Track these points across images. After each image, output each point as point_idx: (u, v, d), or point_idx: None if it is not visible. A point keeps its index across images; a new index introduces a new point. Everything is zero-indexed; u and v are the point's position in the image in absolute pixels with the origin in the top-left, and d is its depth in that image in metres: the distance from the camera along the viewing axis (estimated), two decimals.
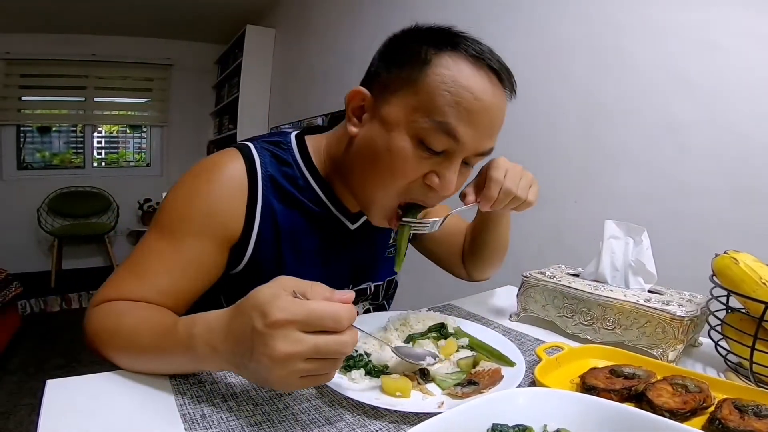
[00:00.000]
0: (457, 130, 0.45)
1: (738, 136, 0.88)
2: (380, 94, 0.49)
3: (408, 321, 0.56)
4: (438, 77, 0.45)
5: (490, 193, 0.53)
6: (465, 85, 0.45)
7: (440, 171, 0.48)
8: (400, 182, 0.49)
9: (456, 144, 0.46)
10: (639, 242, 0.63)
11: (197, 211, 0.50)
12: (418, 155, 0.47)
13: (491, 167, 0.55)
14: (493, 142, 0.50)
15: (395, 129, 0.47)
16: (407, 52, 0.48)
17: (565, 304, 0.63)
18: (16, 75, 3.50)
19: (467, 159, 0.50)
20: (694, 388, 0.41)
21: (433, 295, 0.82)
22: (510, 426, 0.32)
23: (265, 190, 0.54)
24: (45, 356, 2.16)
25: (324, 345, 0.33)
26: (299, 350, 0.32)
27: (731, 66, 0.89)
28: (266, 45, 3.26)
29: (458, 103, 0.45)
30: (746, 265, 0.50)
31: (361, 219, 0.62)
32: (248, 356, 0.34)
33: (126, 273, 0.50)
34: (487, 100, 0.46)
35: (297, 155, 0.57)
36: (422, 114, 0.46)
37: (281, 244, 0.55)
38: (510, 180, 0.54)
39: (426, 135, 0.46)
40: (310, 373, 0.34)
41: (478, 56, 0.47)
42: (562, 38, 1.24)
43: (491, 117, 0.47)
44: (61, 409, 0.39)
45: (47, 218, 3.52)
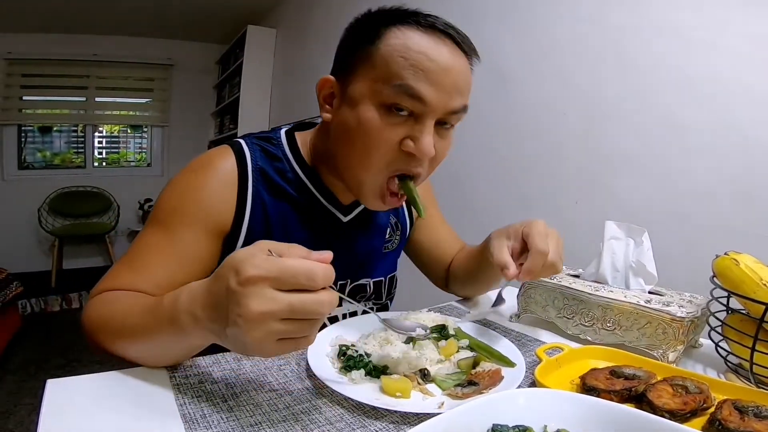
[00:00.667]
0: (418, 90, 0.46)
1: (739, 137, 0.88)
2: (344, 78, 0.51)
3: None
4: (390, 47, 0.47)
5: (535, 266, 0.50)
6: (417, 50, 0.47)
7: (413, 134, 0.48)
8: (377, 153, 0.49)
9: (422, 105, 0.47)
10: (640, 243, 0.63)
11: (190, 203, 0.52)
12: (387, 122, 0.48)
13: (535, 235, 0.51)
14: (464, 100, 0.50)
15: (361, 103, 0.49)
16: (361, 33, 0.50)
17: (566, 305, 0.63)
18: (18, 75, 3.51)
19: (442, 119, 0.50)
20: (694, 389, 0.41)
21: (433, 296, 0.82)
22: (510, 426, 0.32)
23: (255, 183, 0.55)
24: (45, 356, 2.16)
25: (299, 303, 0.32)
26: (273, 308, 0.31)
27: (732, 67, 0.89)
28: (267, 45, 3.27)
29: (413, 66, 0.46)
30: (747, 267, 0.50)
31: (353, 211, 0.62)
32: (225, 320, 0.33)
33: (123, 266, 0.51)
34: (442, 60, 0.47)
35: (286, 149, 0.59)
36: (382, 83, 0.47)
37: (272, 235, 0.56)
38: (554, 251, 0.52)
39: (389, 100, 0.47)
40: (287, 335, 0.33)
41: (429, 25, 0.48)
42: (562, 40, 1.24)
43: (452, 75, 0.47)
44: (61, 409, 0.39)
45: (48, 218, 3.52)
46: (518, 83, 1.37)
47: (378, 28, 0.49)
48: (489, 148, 1.48)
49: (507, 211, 1.41)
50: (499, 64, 1.42)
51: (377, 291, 0.69)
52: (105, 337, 0.45)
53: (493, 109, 1.46)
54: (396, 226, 0.72)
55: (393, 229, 0.71)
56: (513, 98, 1.39)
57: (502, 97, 1.43)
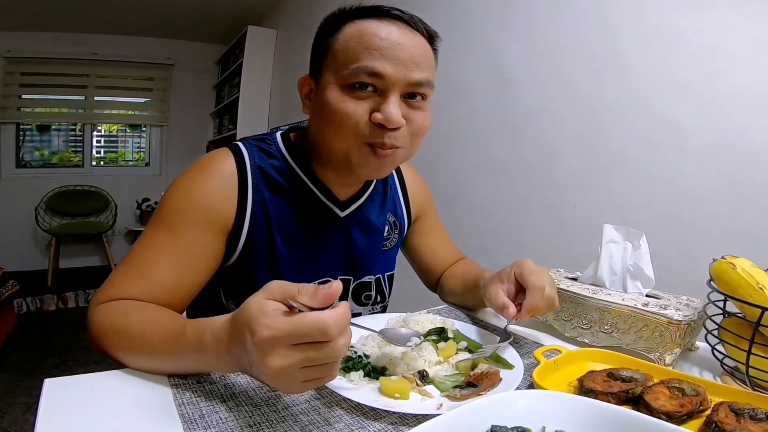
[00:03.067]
0: (374, 67, 0.50)
1: (737, 141, 0.88)
2: (316, 73, 0.56)
3: (407, 323, 0.56)
4: (346, 36, 0.52)
5: (534, 302, 0.51)
6: (370, 33, 0.51)
7: (379, 107, 0.51)
8: (348, 127, 0.52)
9: (380, 79, 0.51)
10: (637, 247, 0.64)
11: (193, 203, 0.54)
12: (352, 99, 0.52)
13: (529, 274, 0.53)
14: (424, 74, 0.53)
15: (327, 87, 0.53)
16: (325, 31, 0.56)
17: (564, 308, 0.63)
18: (17, 73, 3.50)
19: (408, 91, 0.52)
20: (690, 391, 0.42)
21: (432, 297, 0.82)
22: (509, 428, 0.32)
23: (254, 180, 0.58)
24: (41, 355, 2.15)
25: (315, 355, 0.33)
26: (291, 363, 0.33)
27: (730, 71, 0.89)
28: (267, 46, 3.26)
29: (367, 47, 0.51)
30: (743, 270, 0.50)
31: (351, 207, 0.64)
32: (251, 366, 0.36)
33: (127, 269, 0.51)
34: (394, 38, 0.51)
35: (282, 148, 0.62)
36: (343, 67, 0.52)
37: (272, 230, 0.58)
38: (549, 286, 0.53)
39: (350, 80, 0.51)
40: (310, 378, 0.35)
41: (380, 13, 0.53)
42: (562, 43, 1.24)
43: (407, 50, 0.51)
44: (58, 409, 0.38)
45: (45, 217, 3.50)
46: (518, 86, 1.38)
47: (338, 25, 0.54)
48: (488, 151, 1.49)
49: (505, 213, 1.41)
50: (499, 66, 1.43)
51: (379, 289, 0.70)
52: (117, 350, 0.46)
53: (492, 111, 1.47)
54: (394, 224, 0.72)
55: (391, 228, 0.71)
56: (512, 101, 1.40)
57: (502, 100, 1.43)
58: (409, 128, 0.54)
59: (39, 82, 3.60)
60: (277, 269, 0.59)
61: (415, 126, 0.54)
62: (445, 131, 1.66)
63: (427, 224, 0.78)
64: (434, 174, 1.72)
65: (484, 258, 0.85)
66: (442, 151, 1.69)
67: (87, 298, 2.93)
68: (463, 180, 1.59)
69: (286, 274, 0.59)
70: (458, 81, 1.59)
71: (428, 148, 1.80)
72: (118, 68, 3.79)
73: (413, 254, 0.80)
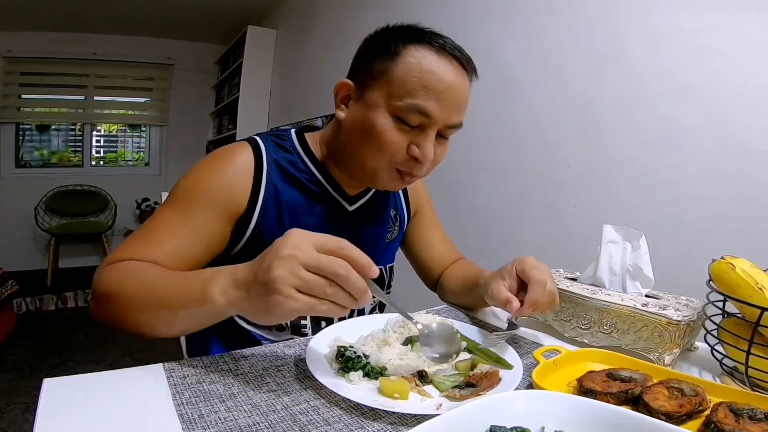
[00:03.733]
0: (427, 108, 0.54)
1: (736, 142, 0.88)
2: (362, 84, 0.58)
3: (407, 323, 0.56)
4: (406, 65, 0.54)
5: (536, 296, 0.52)
6: (429, 70, 0.54)
7: (418, 142, 0.56)
8: (387, 153, 0.56)
9: (428, 119, 0.55)
10: (637, 247, 0.64)
11: (207, 187, 0.57)
12: (397, 129, 0.55)
13: (530, 269, 0.54)
14: (461, 117, 0.58)
15: (376, 109, 0.55)
16: (381, 47, 0.57)
17: (563, 308, 0.63)
18: (17, 73, 3.49)
19: (441, 131, 0.57)
20: (690, 391, 0.42)
21: (432, 298, 0.82)
22: (508, 428, 0.32)
23: (269, 171, 0.61)
24: (40, 355, 2.14)
25: (325, 258, 0.37)
26: (299, 255, 0.37)
27: (730, 72, 0.89)
28: (267, 46, 3.27)
29: (425, 86, 0.54)
30: (743, 271, 0.50)
31: (358, 202, 0.68)
32: (259, 265, 0.39)
33: (138, 239, 0.55)
34: (449, 80, 0.54)
35: (297, 145, 0.65)
36: (397, 97, 0.54)
37: (283, 217, 0.61)
38: (550, 282, 0.54)
39: (401, 113, 0.54)
40: (308, 289, 0.37)
41: (440, 46, 0.55)
42: (562, 43, 1.24)
43: (455, 94, 0.55)
44: (58, 408, 0.38)
45: (44, 216, 3.50)
46: (518, 86, 1.38)
47: (396, 45, 0.55)
48: (488, 151, 1.49)
49: (506, 213, 1.41)
50: (499, 67, 1.43)
51: (380, 280, 0.72)
52: (120, 302, 0.47)
53: (492, 112, 1.47)
54: (395, 218, 0.75)
55: (393, 221, 0.75)
56: (512, 101, 1.40)
57: (502, 100, 1.43)
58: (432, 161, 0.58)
59: (39, 81, 3.60)
60: None
61: (438, 159, 0.60)
62: None
63: (425, 220, 0.81)
64: (434, 174, 1.72)
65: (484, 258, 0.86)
66: None
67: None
68: (463, 180, 1.59)
69: None
70: None
71: None
72: (117, 68, 3.79)
73: (412, 250, 0.82)
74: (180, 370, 0.46)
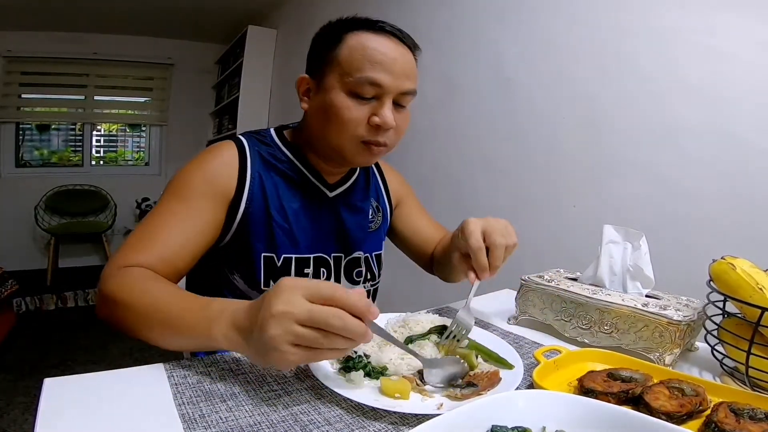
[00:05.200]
0: (377, 78, 0.59)
1: (737, 142, 0.89)
2: (317, 74, 0.64)
3: (407, 323, 0.56)
4: (350, 47, 0.60)
5: (480, 263, 0.56)
6: (370, 47, 0.59)
7: (377, 111, 0.60)
8: (350, 127, 0.61)
9: (380, 88, 0.59)
10: (637, 247, 0.64)
11: (199, 177, 0.62)
12: (355, 103, 0.60)
13: (464, 236, 0.58)
14: (413, 84, 0.62)
15: (332, 91, 0.61)
16: (326, 39, 0.63)
17: (564, 308, 0.63)
18: (17, 72, 3.49)
19: (396, 100, 0.62)
20: (690, 391, 0.42)
21: (431, 298, 0.82)
22: (509, 428, 0.33)
23: (253, 160, 0.66)
24: (40, 355, 2.14)
25: (318, 310, 0.37)
26: (293, 310, 0.37)
27: (732, 72, 0.89)
28: (267, 46, 3.26)
29: (370, 60, 0.59)
30: (743, 271, 0.50)
31: (338, 189, 0.72)
32: (255, 317, 0.39)
33: (141, 234, 0.58)
34: (391, 52, 0.60)
35: (276, 139, 0.71)
36: (348, 75, 0.60)
37: (268, 202, 0.65)
38: (490, 236, 0.57)
39: (355, 88, 0.59)
40: (303, 341, 0.37)
41: (377, 27, 0.61)
42: (562, 42, 1.25)
43: (400, 63, 0.60)
44: (58, 408, 0.38)
45: (44, 216, 3.50)
46: (518, 86, 1.38)
47: (339, 34, 0.62)
48: (488, 151, 1.49)
49: (505, 213, 1.40)
50: (499, 67, 1.43)
51: (369, 267, 0.76)
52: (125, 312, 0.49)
53: (492, 111, 1.47)
54: (377, 208, 0.79)
55: (375, 211, 0.78)
56: (512, 101, 1.40)
57: (501, 101, 1.43)
58: (395, 129, 0.63)
59: (39, 81, 3.59)
60: (272, 237, 0.65)
61: (400, 126, 0.64)
62: (445, 131, 1.66)
63: (409, 208, 0.86)
64: (434, 174, 1.72)
65: None
66: (442, 151, 1.69)
67: (86, 298, 2.93)
68: (464, 180, 1.59)
69: (280, 241, 0.66)
70: (458, 81, 1.60)
71: (428, 149, 1.81)
72: (117, 68, 3.78)
73: (402, 238, 0.85)
74: (181, 369, 0.46)
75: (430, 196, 1.67)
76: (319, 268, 0.69)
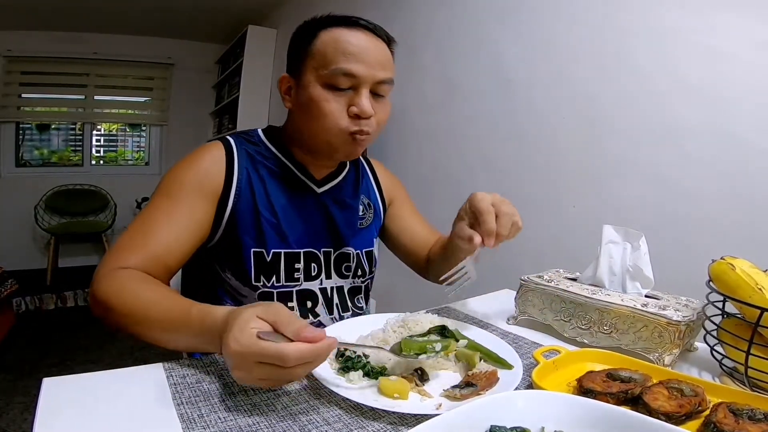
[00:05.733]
0: (351, 69, 0.60)
1: (737, 143, 0.89)
2: (295, 73, 0.65)
3: (406, 323, 0.56)
4: (323, 42, 0.62)
5: (488, 226, 0.54)
6: (343, 39, 0.61)
7: (355, 101, 0.61)
8: (331, 119, 0.61)
9: (355, 79, 0.60)
10: (637, 247, 0.64)
11: (189, 176, 0.63)
12: (333, 95, 0.61)
13: (477, 201, 0.56)
14: (388, 74, 0.63)
15: (310, 86, 0.62)
16: (301, 38, 0.65)
17: (563, 308, 0.63)
18: (17, 72, 3.49)
19: (374, 89, 0.62)
20: (689, 392, 0.42)
21: (431, 298, 0.82)
22: (508, 428, 0.32)
23: (240, 158, 0.67)
24: (39, 354, 2.14)
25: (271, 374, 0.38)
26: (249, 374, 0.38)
27: (732, 72, 0.90)
28: (267, 45, 3.26)
29: (342, 52, 0.60)
30: (743, 271, 0.50)
31: (327, 185, 0.73)
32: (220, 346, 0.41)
33: (133, 233, 0.59)
34: (363, 43, 0.61)
35: (263, 138, 0.72)
36: (323, 68, 0.61)
37: (256, 198, 0.66)
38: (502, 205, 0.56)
39: (331, 80, 0.61)
40: (265, 385, 0.41)
41: (349, 22, 0.62)
42: (562, 43, 1.25)
43: (373, 53, 0.61)
44: (57, 408, 0.38)
45: (44, 216, 3.50)
46: (518, 86, 1.38)
47: (313, 32, 0.63)
48: (488, 151, 1.49)
49: None
50: (500, 67, 1.43)
51: (359, 263, 0.76)
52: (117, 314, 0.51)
53: (492, 111, 1.47)
54: (368, 205, 0.79)
55: (366, 208, 0.78)
56: (512, 101, 1.40)
57: (501, 101, 1.43)
58: (375, 118, 0.63)
59: (39, 81, 3.59)
60: (261, 232, 0.66)
61: (380, 116, 0.64)
62: (445, 131, 1.66)
63: (402, 209, 0.85)
64: (434, 174, 1.72)
65: None
66: (442, 151, 1.69)
67: (86, 298, 2.92)
68: (464, 180, 1.59)
69: (269, 236, 0.66)
70: (458, 81, 1.60)
71: (428, 149, 1.81)
72: (118, 67, 3.78)
73: (395, 239, 0.84)
74: (180, 369, 0.46)
75: (430, 196, 1.67)
76: (309, 263, 0.70)
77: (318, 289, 0.71)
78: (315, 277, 0.71)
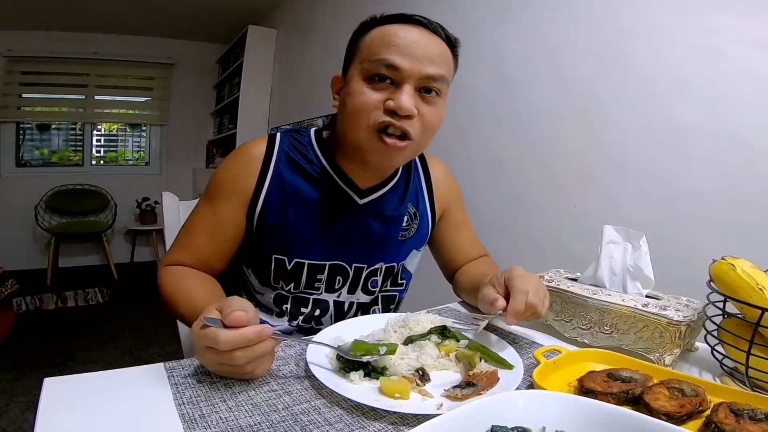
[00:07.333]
0: (393, 61, 0.55)
1: (738, 142, 0.88)
2: (345, 71, 0.63)
3: (407, 323, 0.56)
4: (372, 37, 0.59)
5: (516, 305, 0.52)
6: (391, 33, 0.57)
7: (393, 96, 0.56)
8: (364, 113, 0.57)
9: (397, 71, 0.56)
10: (637, 247, 0.64)
11: (225, 180, 0.65)
12: (371, 89, 0.57)
13: (515, 278, 0.54)
14: (438, 69, 0.57)
15: (351, 81, 0.59)
16: (355, 36, 0.63)
17: (564, 308, 0.63)
18: (17, 72, 3.49)
19: (421, 85, 0.57)
20: (690, 392, 0.42)
21: (431, 298, 0.82)
22: (509, 428, 0.32)
23: (277, 162, 0.66)
24: (40, 354, 2.14)
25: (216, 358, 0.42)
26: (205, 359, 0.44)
27: (732, 72, 0.89)
28: (268, 45, 3.26)
29: (388, 45, 0.56)
30: (743, 272, 0.50)
31: (371, 196, 0.68)
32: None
33: (181, 235, 0.67)
34: (412, 37, 0.56)
35: (313, 140, 0.69)
36: (367, 61, 0.57)
37: (286, 205, 0.65)
38: (533, 293, 0.53)
39: (370, 71, 0.57)
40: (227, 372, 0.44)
41: (403, 17, 0.59)
42: (562, 42, 1.24)
43: (421, 47, 0.56)
44: (58, 408, 0.39)
45: (44, 216, 3.50)
46: (518, 86, 1.38)
47: (367, 30, 0.61)
48: (488, 151, 1.49)
49: (506, 213, 1.41)
50: (500, 67, 1.43)
51: (389, 276, 0.72)
52: (168, 307, 0.62)
53: (492, 111, 1.47)
54: (415, 215, 0.73)
55: (411, 218, 0.73)
56: (513, 101, 1.40)
57: (501, 100, 1.43)
58: (420, 120, 0.57)
59: (39, 81, 3.59)
60: (285, 240, 0.65)
61: (426, 119, 0.58)
62: (445, 131, 1.66)
63: (453, 220, 0.80)
64: None
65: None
66: (442, 151, 1.69)
67: (86, 297, 2.92)
68: (463, 180, 1.58)
69: (293, 245, 0.65)
70: (459, 81, 1.59)
71: (428, 148, 1.81)
72: (118, 67, 3.79)
73: (436, 248, 0.82)
74: (181, 369, 0.46)
75: None
76: (335, 275, 0.67)
77: (333, 301, 0.69)
78: (337, 289, 0.69)
